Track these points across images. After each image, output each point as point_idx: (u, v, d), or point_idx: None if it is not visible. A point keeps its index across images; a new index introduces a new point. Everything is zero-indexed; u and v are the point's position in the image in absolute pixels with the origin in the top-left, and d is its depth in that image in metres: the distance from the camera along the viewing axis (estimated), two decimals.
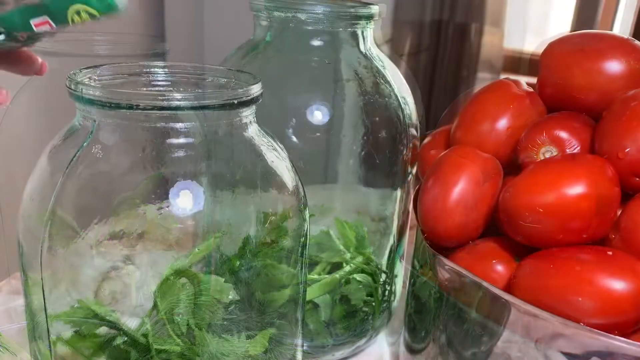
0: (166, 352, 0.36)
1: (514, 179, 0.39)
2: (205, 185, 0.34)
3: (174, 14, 1.67)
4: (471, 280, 0.38)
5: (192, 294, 0.36)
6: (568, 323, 0.34)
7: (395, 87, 0.52)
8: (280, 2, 0.49)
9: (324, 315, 0.52)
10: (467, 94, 0.48)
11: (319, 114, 0.49)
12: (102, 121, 0.33)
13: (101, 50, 0.53)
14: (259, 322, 0.39)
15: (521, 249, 0.40)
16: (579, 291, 0.34)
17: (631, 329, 0.35)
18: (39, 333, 0.37)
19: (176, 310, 0.35)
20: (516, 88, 0.46)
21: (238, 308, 0.38)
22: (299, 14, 0.48)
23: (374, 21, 0.52)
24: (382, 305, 0.56)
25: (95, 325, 0.35)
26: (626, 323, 0.34)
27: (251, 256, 0.37)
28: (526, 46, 2.18)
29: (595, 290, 0.34)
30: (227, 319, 0.37)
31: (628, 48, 0.42)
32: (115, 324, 0.35)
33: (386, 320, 0.58)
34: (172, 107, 0.31)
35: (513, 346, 0.37)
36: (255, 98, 0.34)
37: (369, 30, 0.52)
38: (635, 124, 0.37)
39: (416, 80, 2.11)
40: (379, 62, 0.53)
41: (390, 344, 0.60)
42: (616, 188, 0.37)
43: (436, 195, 0.43)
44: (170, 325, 0.35)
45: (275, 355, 0.40)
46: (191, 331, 0.36)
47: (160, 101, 0.31)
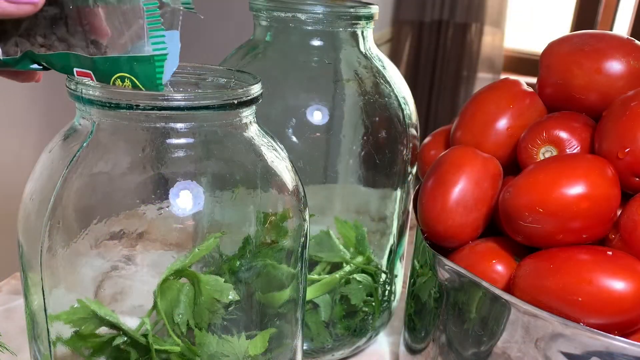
0: (166, 352, 0.36)
1: (514, 179, 0.39)
2: (205, 185, 0.34)
3: None
4: (471, 280, 0.38)
5: (192, 294, 0.36)
6: (568, 323, 0.34)
7: (395, 87, 0.52)
8: (280, 3, 0.49)
9: (324, 315, 0.52)
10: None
11: (319, 114, 0.49)
12: (102, 121, 0.33)
13: None
14: (259, 322, 0.39)
15: (521, 249, 0.40)
16: (579, 291, 0.34)
17: (631, 329, 0.35)
18: (39, 333, 0.37)
19: (176, 310, 0.35)
20: (516, 88, 0.46)
21: (238, 308, 0.38)
22: (299, 14, 0.48)
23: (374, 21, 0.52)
24: (382, 305, 0.56)
25: (95, 325, 0.35)
26: (626, 323, 0.34)
27: (251, 256, 0.37)
28: (526, 46, 2.18)
29: (595, 290, 0.34)
30: (227, 319, 0.37)
31: (628, 48, 0.42)
32: (115, 324, 0.35)
33: (386, 320, 0.58)
34: (172, 107, 0.31)
35: (513, 346, 0.37)
36: (255, 98, 0.34)
37: (369, 30, 0.52)
38: (635, 124, 0.37)
39: (416, 80, 2.11)
40: (379, 62, 0.53)
41: (390, 344, 0.60)
42: (616, 188, 0.37)
43: (436, 195, 0.43)
44: (170, 325, 0.35)
45: (275, 355, 0.40)
46: (191, 331, 0.36)
47: (160, 101, 0.31)
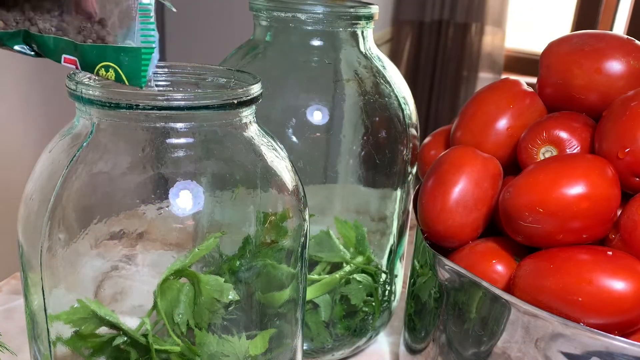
0: (166, 352, 0.36)
1: (514, 179, 0.39)
2: (205, 185, 0.34)
3: (174, 15, 1.67)
4: (471, 280, 0.38)
5: (192, 294, 0.36)
6: (568, 323, 0.34)
7: (395, 87, 0.52)
8: (280, 3, 0.49)
9: (324, 315, 0.52)
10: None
11: (319, 114, 0.49)
12: (102, 121, 0.33)
13: None
14: (259, 322, 0.39)
15: (521, 249, 0.40)
16: (579, 291, 0.34)
17: (631, 329, 0.35)
18: (39, 333, 0.37)
19: (176, 310, 0.35)
20: (516, 88, 0.46)
21: (238, 308, 0.38)
22: (299, 14, 0.48)
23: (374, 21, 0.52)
24: (382, 305, 0.56)
25: (95, 325, 0.35)
26: (626, 323, 0.34)
27: (251, 256, 0.37)
28: (526, 46, 2.18)
29: (595, 290, 0.34)
30: (227, 319, 0.37)
31: (628, 48, 0.42)
32: (115, 324, 0.35)
33: (386, 320, 0.58)
34: (172, 107, 0.31)
35: (513, 346, 0.37)
36: (255, 98, 0.34)
37: (369, 30, 0.52)
38: (635, 124, 0.37)
39: (416, 80, 2.11)
40: (379, 62, 0.53)
41: (390, 344, 0.60)
42: (616, 188, 0.37)
43: (436, 195, 0.43)
44: (170, 325, 0.35)
45: (275, 355, 0.40)
46: (191, 331, 0.36)
47: (160, 101, 0.31)
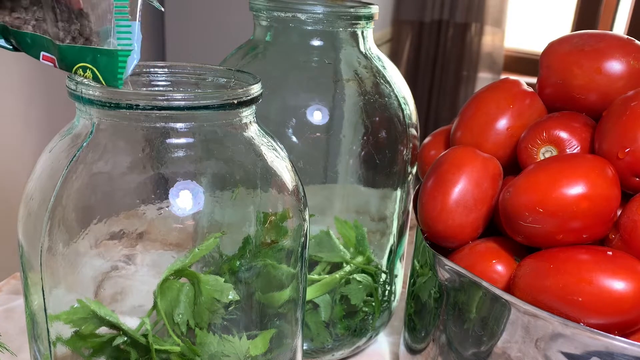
0: (166, 352, 0.36)
1: (514, 179, 0.39)
2: (205, 185, 0.34)
3: (175, 14, 1.67)
4: (471, 280, 0.38)
5: (192, 294, 0.36)
6: (568, 323, 0.34)
7: (395, 87, 0.52)
8: (280, 3, 0.49)
9: (324, 315, 0.52)
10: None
11: (319, 114, 0.49)
12: (102, 121, 0.33)
13: None
14: (259, 322, 0.39)
15: (521, 249, 0.40)
16: (579, 291, 0.34)
17: (631, 329, 0.35)
18: (39, 333, 0.37)
19: (176, 310, 0.35)
20: (516, 88, 0.46)
21: (238, 308, 0.38)
22: (299, 14, 0.48)
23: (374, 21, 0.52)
24: (382, 305, 0.56)
25: (95, 325, 0.35)
26: (626, 323, 0.34)
27: (251, 256, 0.37)
28: (526, 46, 2.18)
29: (595, 290, 0.34)
30: (227, 319, 0.37)
31: (628, 48, 0.42)
32: (115, 324, 0.35)
33: (386, 320, 0.58)
34: (172, 107, 0.31)
35: (513, 346, 0.37)
36: (255, 98, 0.34)
37: (369, 30, 0.52)
38: (635, 124, 0.37)
39: (416, 80, 2.11)
40: (379, 62, 0.53)
41: (390, 344, 0.60)
42: (616, 188, 0.37)
43: (436, 195, 0.43)
44: (170, 325, 0.35)
45: (275, 355, 0.40)
46: (191, 331, 0.36)
47: (160, 101, 0.31)
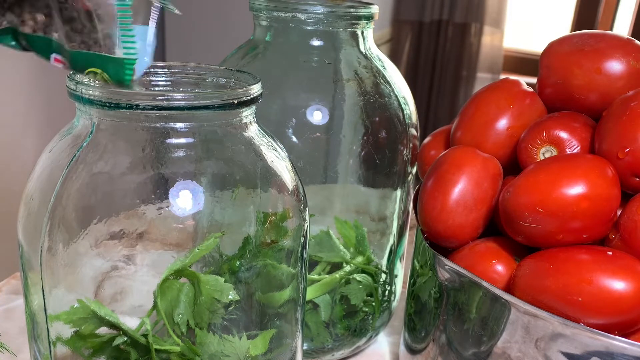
0: (166, 352, 0.36)
1: (514, 179, 0.39)
2: (205, 185, 0.34)
3: (174, 15, 1.67)
4: (471, 280, 0.38)
5: (192, 294, 0.36)
6: (568, 323, 0.34)
7: (395, 87, 0.52)
8: (280, 3, 0.49)
9: (324, 315, 0.52)
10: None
11: (319, 114, 0.49)
12: (102, 121, 0.33)
13: None
14: (259, 322, 0.39)
15: (521, 249, 0.40)
16: (579, 291, 0.34)
17: (631, 329, 0.35)
18: (39, 333, 0.37)
19: (176, 310, 0.35)
20: (516, 88, 0.46)
21: (238, 308, 0.38)
22: (299, 14, 0.48)
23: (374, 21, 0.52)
24: (382, 305, 0.56)
25: (95, 325, 0.35)
26: (626, 323, 0.34)
27: (251, 256, 0.37)
28: (526, 46, 2.18)
29: (595, 290, 0.34)
30: (227, 319, 0.37)
31: (628, 48, 0.42)
32: (115, 324, 0.35)
33: (386, 320, 0.58)
34: (172, 107, 0.31)
35: (513, 346, 0.37)
36: (255, 98, 0.34)
37: (369, 30, 0.52)
38: (635, 124, 0.37)
39: (416, 80, 2.11)
40: (379, 62, 0.53)
41: (390, 344, 0.60)
42: (616, 188, 0.37)
43: (436, 195, 0.43)
44: (170, 325, 0.35)
45: (275, 355, 0.40)
46: (191, 331, 0.36)
47: (160, 101, 0.31)
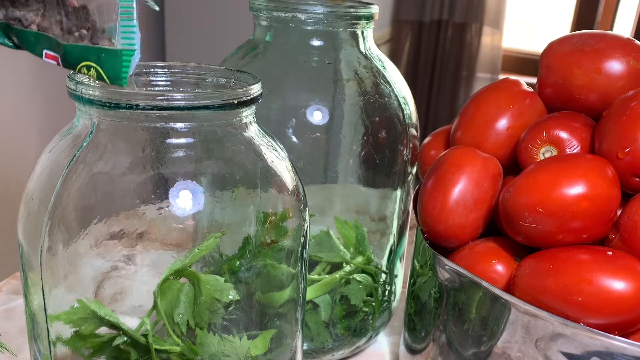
0: (166, 352, 0.36)
1: (514, 179, 0.39)
2: (205, 185, 0.34)
3: (175, 14, 1.67)
4: (471, 280, 0.38)
5: (192, 294, 0.36)
6: (568, 323, 0.34)
7: (395, 87, 0.52)
8: (280, 3, 0.49)
9: (324, 315, 0.52)
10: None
11: (319, 114, 0.49)
12: (102, 121, 0.33)
13: None
14: (259, 322, 0.39)
15: (521, 249, 0.40)
16: (579, 291, 0.34)
17: (631, 329, 0.35)
18: (39, 333, 0.37)
19: (176, 310, 0.35)
20: (516, 88, 0.46)
21: (238, 308, 0.38)
22: (299, 14, 0.48)
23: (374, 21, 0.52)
24: (382, 305, 0.56)
25: (95, 325, 0.35)
26: (626, 323, 0.34)
27: (251, 256, 0.37)
28: (526, 46, 2.18)
29: (595, 290, 0.34)
30: (227, 319, 0.37)
31: (628, 48, 0.42)
32: (115, 324, 0.35)
33: (386, 320, 0.58)
34: (172, 107, 0.31)
35: (513, 346, 0.37)
36: (255, 98, 0.34)
37: (369, 30, 0.52)
38: (635, 124, 0.37)
39: (416, 80, 2.11)
40: (379, 62, 0.53)
41: (390, 344, 0.60)
42: (616, 188, 0.37)
43: (436, 195, 0.43)
44: (170, 325, 0.35)
45: (275, 355, 0.40)
46: (191, 331, 0.36)
47: (160, 101, 0.31)
